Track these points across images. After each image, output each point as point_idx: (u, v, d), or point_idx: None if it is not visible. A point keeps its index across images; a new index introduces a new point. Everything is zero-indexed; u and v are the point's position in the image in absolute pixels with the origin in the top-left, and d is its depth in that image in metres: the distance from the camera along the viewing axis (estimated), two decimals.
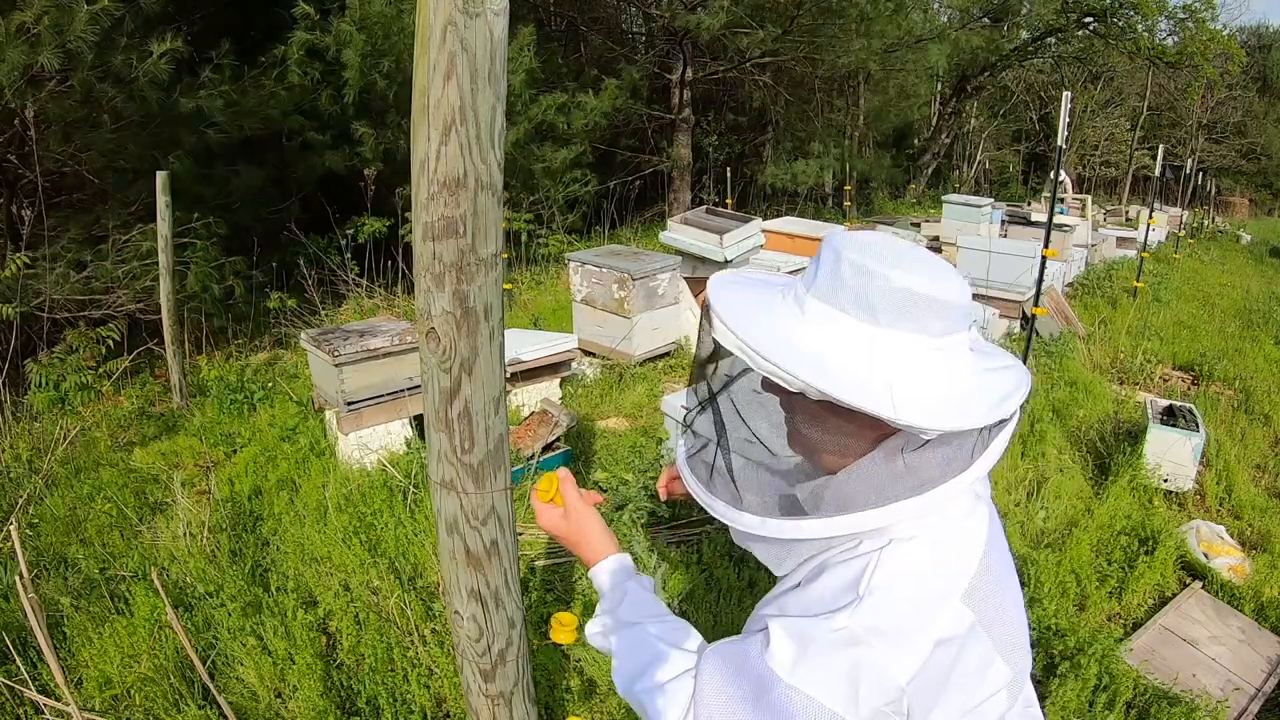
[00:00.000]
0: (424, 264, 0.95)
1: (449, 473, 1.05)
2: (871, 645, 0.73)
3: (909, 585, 0.77)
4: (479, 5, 0.83)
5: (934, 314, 0.76)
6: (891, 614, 0.75)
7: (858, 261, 0.76)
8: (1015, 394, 0.79)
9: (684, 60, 10.94)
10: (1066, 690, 2.18)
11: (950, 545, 0.82)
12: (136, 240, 5.45)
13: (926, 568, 0.79)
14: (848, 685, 0.73)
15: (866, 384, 0.74)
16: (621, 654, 0.92)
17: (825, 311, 0.78)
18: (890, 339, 0.76)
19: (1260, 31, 25.92)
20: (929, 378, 0.76)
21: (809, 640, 0.75)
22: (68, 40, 4.65)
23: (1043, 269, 4.39)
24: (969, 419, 0.75)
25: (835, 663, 0.73)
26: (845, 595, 0.76)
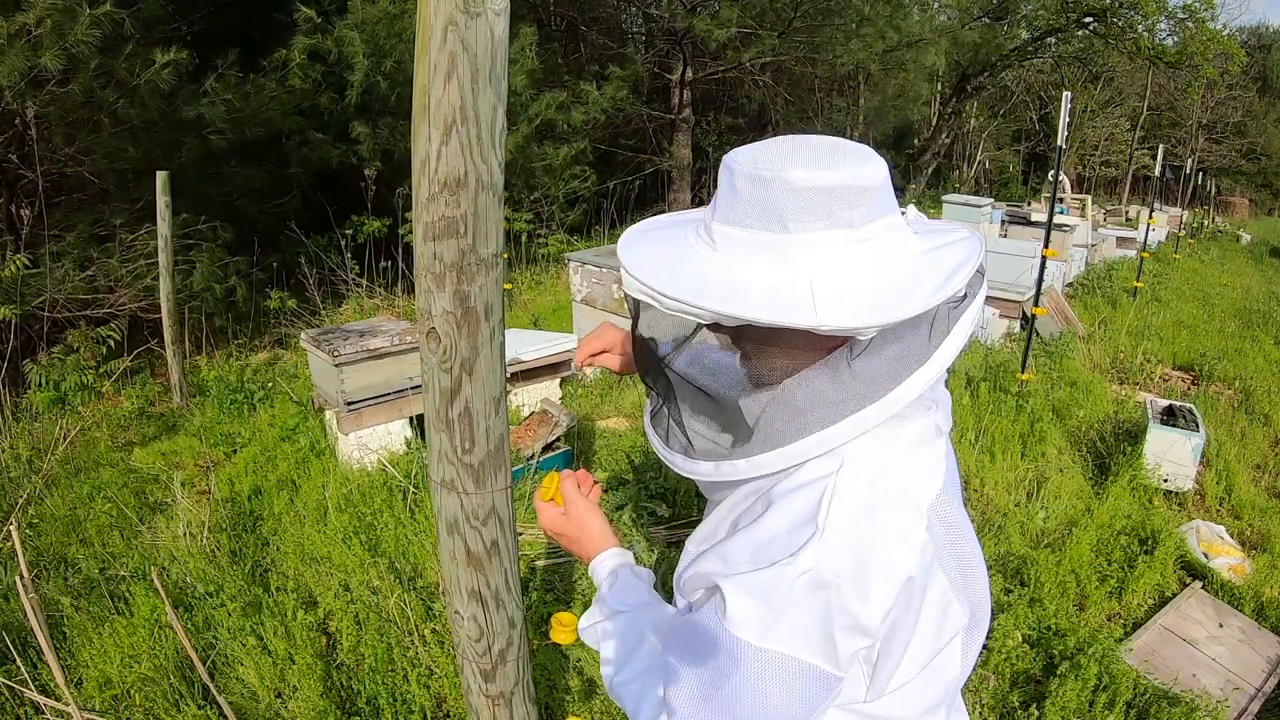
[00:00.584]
0: (424, 264, 0.95)
1: (449, 473, 1.05)
2: (840, 589, 0.67)
3: (872, 516, 0.70)
4: (480, 5, 0.83)
5: (847, 203, 0.68)
6: (857, 550, 0.68)
7: (750, 172, 0.70)
8: (962, 269, 0.72)
9: (684, 60, 10.95)
10: (1066, 690, 2.18)
11: (911, 472, 0.75)
12: (143, 240, 5.45)
13: (888, 496, 0.71)
14: (822, 635, 0.68)
15: (782, 297, 0.67)
16: (607, 646, 0.88)
17: (732, 234, 0.71)
18: (805, 242, 0.68)
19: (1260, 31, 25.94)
20: (856, 273, 0.69)
21: (772, 595, 0.68)
22: (69, 44, 4.65)
23: (1043, 269, 4.39)
24: (907, 307, 0.67)
25: (807, 612, 0.68)
26: (803, 530, 0.69)
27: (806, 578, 0.67)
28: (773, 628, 0.68)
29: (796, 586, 0.67)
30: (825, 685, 0.69)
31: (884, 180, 0.72)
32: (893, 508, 0.72)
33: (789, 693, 0.68)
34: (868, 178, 0.70)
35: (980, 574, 0.83)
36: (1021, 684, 2.30)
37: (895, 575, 0.69)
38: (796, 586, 0.67)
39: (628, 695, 0.82)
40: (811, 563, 0.67)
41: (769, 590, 0.68)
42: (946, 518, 0.77)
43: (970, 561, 0.81)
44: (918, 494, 0.74)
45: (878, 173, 0.71)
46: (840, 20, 10.58)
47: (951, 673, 0.80)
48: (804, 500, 0.71)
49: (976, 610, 0.81)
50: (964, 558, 0.80)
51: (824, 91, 15.79)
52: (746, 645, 0.69)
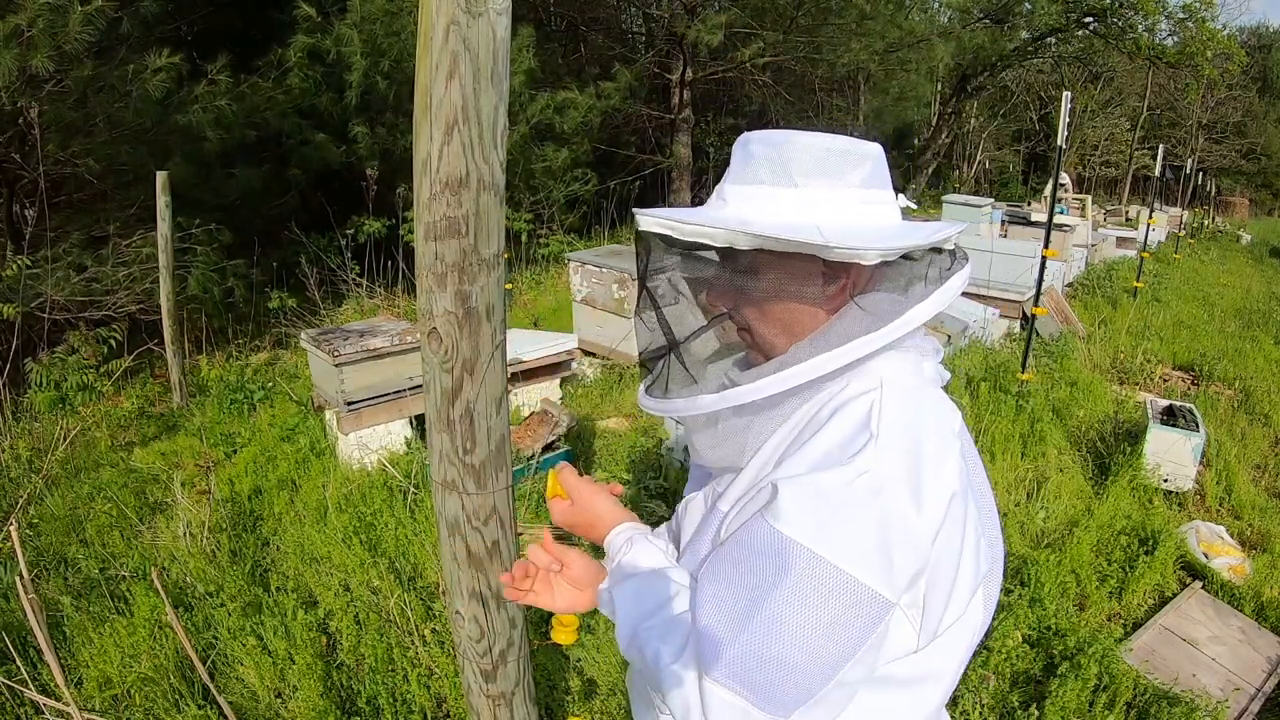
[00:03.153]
0: (426, 264, 0.95)
1: (451, 473, 1.05)
2: (896, 494, 0.67)
3: (918, 426, 0.72)
4: (481, 5, 0.83)
5: (849, 164, 0.78)
6: (909, 455, 0.69)
7: (764, 137, 0.80)
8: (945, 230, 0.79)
9: (684, 60, 10.94)
10: (1066, 690, 2.17)
11: (938, 398, 0.81)
12: (139, 244, 5.45)
13: (928, 410, 0.76)
14: (880, 550, 0.66)
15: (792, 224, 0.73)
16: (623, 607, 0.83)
17: (744, 190, 0.79)
18: (812, 195, 0.77)
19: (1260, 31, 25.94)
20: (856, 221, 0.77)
21: (828, 496, 0.67)
22: (62, 43, 4.64)
23: (1043, 269, 4.39)
24: (902, 242, 0.74)
25: (864, 520, 0.66)
26: (859, 436, 0.70)
27: (865, 479, 0.67)
28: (828, 529, 0.66)
29: (855, 489, 0.67)
30: (878, 610, 0.67)
31: (880, 156, 0.81)
32: (934, 423, 0.75)
33: (840, 614, 0.65)
34: (865, 148, 0.80)
35: (995, 519, 0.84)
36: (1021, 684, 2.30)
37: (944, 487, 0.70)
38: (855, 489, 0.67)
39: (649, 639, 0.76)
40: (869, 464, 0.68)
41: (826, 490, 0.68)
42: (968, 453, 0.81)
43: (987, 505, 0.83)
44: (950, 417, 0.79)
45: (875, 147, 0.81)
46: (841, 20, 10.58)
47: (976, 621, 0.79)
48: (854, 412, 0.74)
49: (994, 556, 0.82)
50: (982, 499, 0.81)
51: (824, 91, 15.79)
52: (800, 546, 0.66)
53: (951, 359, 4.91)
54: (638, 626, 0.79)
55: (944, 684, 0.79)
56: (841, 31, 10.71)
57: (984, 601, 0.79)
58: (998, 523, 0.85)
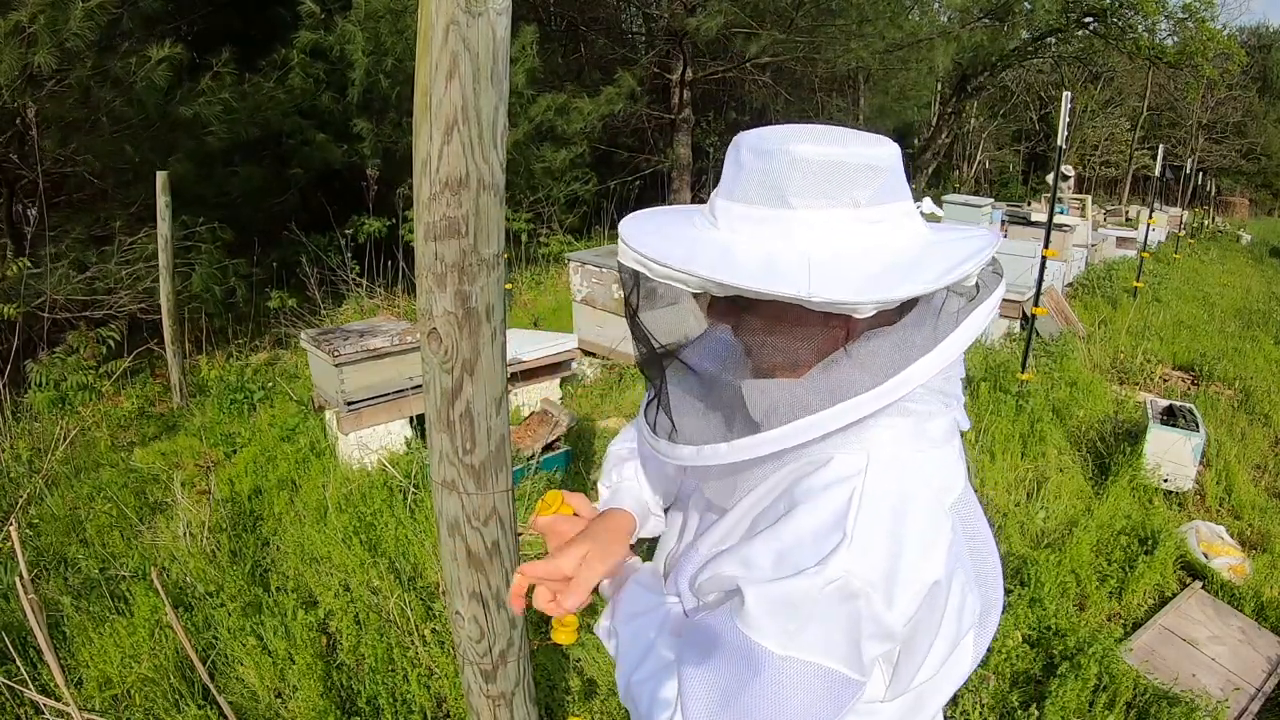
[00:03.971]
0: (426, 264, 0.95)
1: (451, 473, 1.05)
2: (868, 597, 0.64)
3: (903, 519, 0.67)
4: (481, 4, 0.83)
5: (854, 182, 0.67)
6: (886, 556, 0.65)
7: (756, 145, 0.68)
8: (970, 260, 0.68)
9: (684, 60, 10.94)
10: (1066, 690, 2.17)
11: (936, 471, 0.73)
12: (142, 242, 5.45)
13: (917, 496, 0.69)
14: (848, 644, 0.66)
15: (777, 267, 0.64)
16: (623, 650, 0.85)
17: (733, 209, 0.70)
18: (805, 219, 0.66)
19: (1260, 31, 25.93)
20: (858, 252, 0.66)
21: (798, 604, 0.66)
22: (64, 39, 4.64)
23: (1043, 269, 4.39)
24: (902, 289, 0.64)
25: (833, 621, 0.65)
26: (831, 535, 0.66)
27: (834, 587, 0.65)
28: (796, 637, 0.66)
29: (824, 596, 0.65)
30: (848, 690, 0.68)
31: (894, 165, 0.70)
32: (921, 510, 0.69)
33: (810, 699, 0.67)
34: (876, 159, 0.68)
35: (995, 567, 0.82)
36: (1021, 684, 2.30)
37: (923, 580, 0.67)
38: (824, 596, 0.65)
39: (641, 696, 0.78)
40: (840, 571, 0.65)
41: (794, 600, 0.66)
42: (965, 515, 0.76)
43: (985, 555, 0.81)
44: (944, 494, 0.73)
45: (888, 156, 0.69)
46: (841, 20, 10.57)
47: (963, 667, 0.79)
48: (831, 503, 0.68)
49: (989, 603, 0.81)
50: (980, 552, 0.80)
51: (824, 91, 15.79)
52: (768, 653, 0.67)
53: None
54: (630, 679, 0.81)
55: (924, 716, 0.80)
56: (841, 31, 10.71)
57: (974, 644, 0.79)
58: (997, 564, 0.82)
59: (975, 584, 0.77)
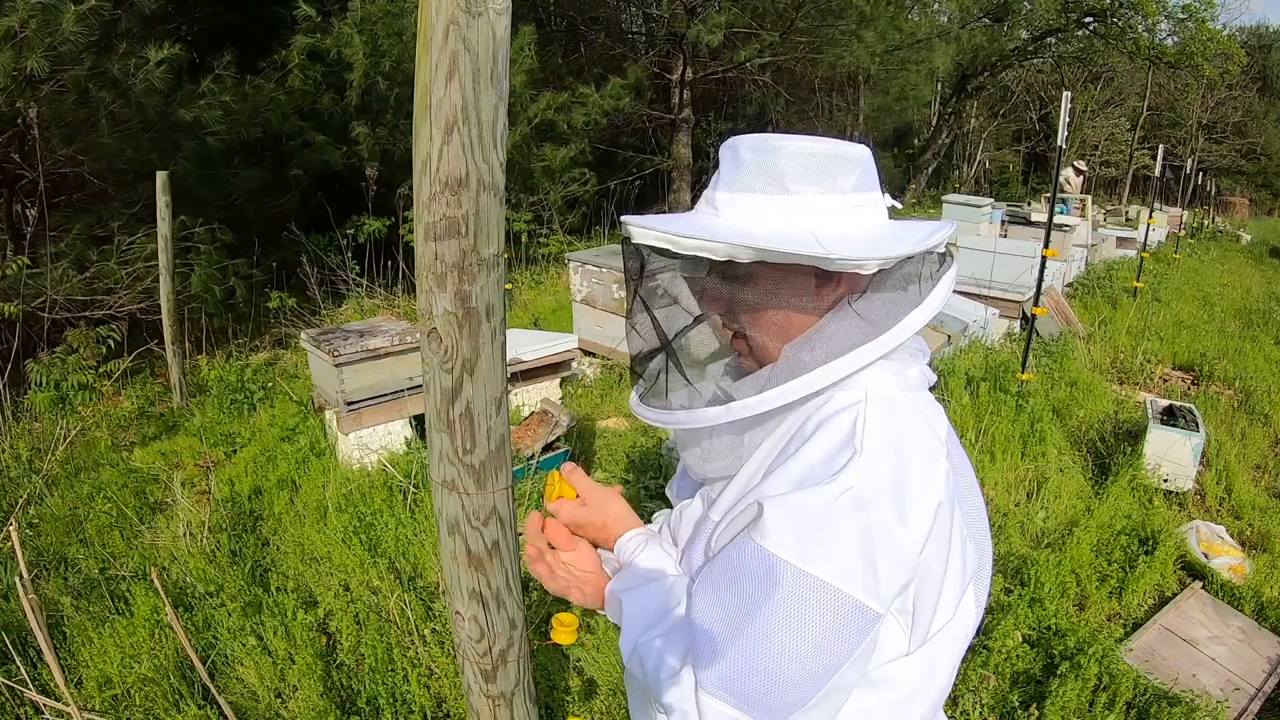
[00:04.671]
0: (426, 264, 0.94)
1: (450, 473, 1.05)
2: (880, 509, 0.67)
3: (903, 439, 0.73)
4: (481, 5, 0.83)
5: (841, 169, 0.78)
6: (894, 469, 0.70)
7: (754, 144, 0.79)
8: (940, 231, 0.80)
9: (684, 60, 10.94)
10: (1067, 690, 2.18)
11: (923, 404, 0.81)
12: (140, 243, 5.45)
13: (913, 421, 0.76)
14: (865, 563, 0.67)
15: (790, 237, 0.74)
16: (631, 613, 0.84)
17: (737, 199, 0.79)
18: (804, 202, 0.77)
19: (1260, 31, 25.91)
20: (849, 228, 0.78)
21: (813, 513, 0.68)
22: (57, 43, 4.63)
23: (1043, 269, 4.39)
24: (899, 248, 0.75)
25: (847, 535, 0.67)
26: (842, 452, 0.71)
27: (848, 496, 0.68)
28: (813, 546, 0.67)
29: (838, 505, 0.67)
30: (865, 622, 0.67)
31: (869, 159, 0.81)
32: (920, 433, 0.75)
33: (828, 627, 0.66)
34: (856, 153, 0.80)
35: (984, 519, 0.86)
36: (1021, 684, 2.30)
37: (930, 498, 0.71)
38: (838, 505, 0.67)
39: (649, 653, 0.78)
40: (852, 481, 0.68)
41: (810, 509, 0.68)
42: (955, 457, 0.81)
43: (975, 506, 0.84)
44: (935, 423, 0.80)
45: (863, 151, 0.81)
46: (841, 20, 10.58)
47: (969, 619, 0.81)
48: (838, 427, 0.74)
49: (982, 555, 0.83)
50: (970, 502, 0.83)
51: (824, 91, 15.80)
52: (785, 564, 0.67)
53: (951, 359, 4.91)
54: (639, 639, 0.81)
55: (939, 683, 0.80)
56: (842, 32, 10.71)
57: (975, 600, 0.82)
58: (986, 520, 0.86)
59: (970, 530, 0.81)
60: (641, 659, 0.79)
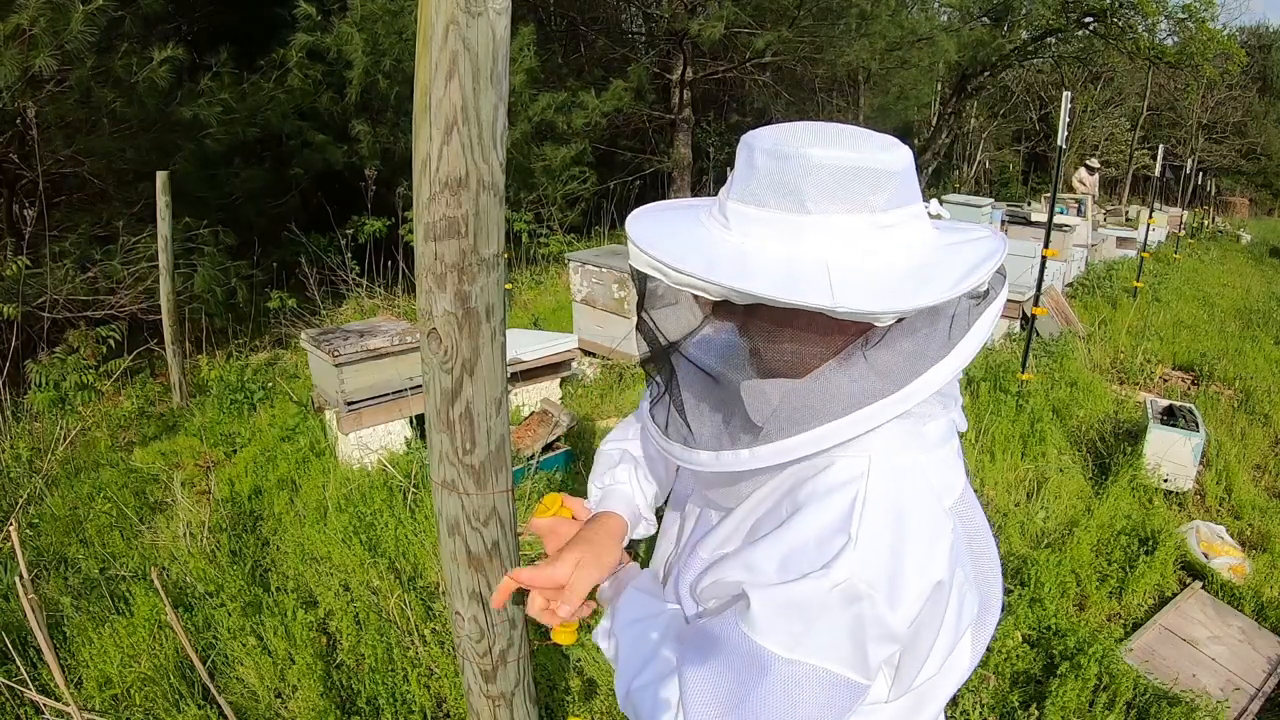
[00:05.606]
0: (426, 264, 0.94)
1: (450, 474, 1.05)
2: (873, 600, 0.65)
3: (905, 521, 0.68)
4: (481, 4, 0.83)
5: (870, 186, 0.66)
6: (890, 559, 0.66)
7: (771, 148, 0.68)
8: (985, 264, 0.70)
9: (684, 60, 10.94)
10: (1067, 690, 2.18)
11: (937, 473, 0.74)
12: (144, 243, 5.45)
13: (918, 498, 0.70)
14: (854, 647, 0.66)
15: (797, 275, 0.64)
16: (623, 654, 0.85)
17: (748, 212, 0.69)
18: (822, 224, 0.66)
19: (1260, 31, 25.88)
20: (875, 258, 0.67)
21: (803, 608, 0.66)
22: (65, 42, 4.63)
23: (1043, 269, 4.39)
24: (928, 294, 0.65)
25: (837, 625, 0.66)
26: (835, 539, 0.66)
27: (840, 590, 0.65)
28: (803, 640, 0.66)
29: (830, 600, 0.65)
30: (853, 694, 0.68)
31: (908, 167, 0.70)
32: (923, 512, 0.70)
33: (817, 703, 0.67)
34: (892, 162, 0.68)
35: (994, 565, 0.83)
36: (1021, 684, 2.30)
37: (927, 581, 0.68)
38: (830, 600, 0.65)
39: (643, 702, 0.78)
40: (845, 574, 0.65)
41: (800, 603, 0.66)
42: (965, 514, 0.77)
43: (983, 553, 0.82)
44: (944, 495, 0.74)
45: (902, 159, 0.69)
46: (841, 19, 10.57)
47: (962, 665, 0.79)
48: (835, 506, 0.68)
49: (988, 599, 0.81)
50: (979, 551, 0.81)
51: (824, 91, 15.79)
52: (774, 656, 0.67)
53: None
54: (632, 684, 0.80)
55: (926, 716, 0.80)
56: (842, 31, 10.70)
57: (972, 643, 0.80)
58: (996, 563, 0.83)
59: (974, 583, 0.78)
60: (635, 706, 0.79)
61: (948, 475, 0.76)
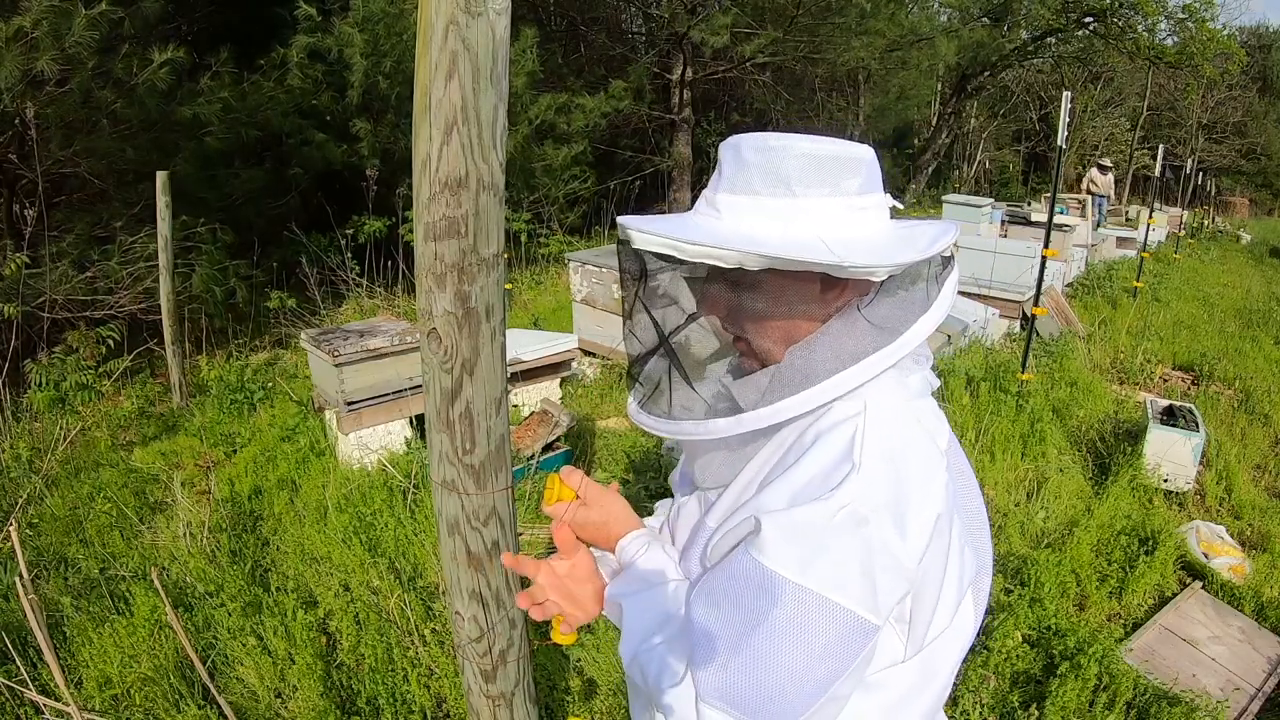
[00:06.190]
0: (426, 264, 0.94)
1: (450, 473, 1.05)
2: (880, 524, 0.68)
3: (902, 452, 0.72)
4: (481, 5, 0.83)
5: (846, 171, 0.76)
6: (893, 483, 0.70)
7: (757, 144, 0.76)
8: (945, 235, 0.78)
9: (684, 60, 10.94)
10: (1067, 690, 2.17)
11: (925, 415, 0.80)
12: (143, 242, 5.45)
13: (913, 433, 0.75)
14: (863, 578, 0.67)
15: (800, 241, 0.72)
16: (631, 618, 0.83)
17: (739, 201, 0.76)
18: (809, 205, 0.75)
19: (1260, 31, 25.88)
20: (856, 232, 0.76)
21: (811, 530, 0.68)
22: (66, 45, 4.64)
23: (1043, 269, 4.39)
24: (913, 252, 0.74)
25: (847, 551, 0.67)
26: (840, 467, 0.70)
27: (846, 512, 0.68)
28: (813, 563, 0.67)
29: (837, 521, 0.68)
30: (864, 634, 0.68)
31: (873, 160, 0.80)
32: (919, 445, 0.75)
33: (828, 639, 0.67)
34: (861, 153, 0.78)
35: (984, 524, 0.86)
36: (1021, 684, 2.30)
37: (929, 511, 0.71)
38: (837, 521, 0.68)
39: (650, 661, 0.78)
40: (850, 497, 0.68)
41: (809, 526, 0.68)
42: (955, 464, 0.81)
43: (975, 510, 0.84)
44: (936, 432, 0.79)
45: (867, 152, 0.79)
46: (841, 19, 10.58)
47: (967, 627, 0.81)
48: (836, 440, 0.73)
49: (981, 560, 0.83)
50: (970, 507, 0.83)
51: (824, 91, 15.79)
52: (785, 581, 0.67)
53: (952, 359, 4.91)
54: (639, 647, 0.80)
55: (935, 686, 0.80)
56: (842, 31, 10.71)
57: (974, 604, 0.82)
58: (986, 525, 0.86)
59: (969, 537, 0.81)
60: (642, 666, 0.79)
61: (935, 420, 0.82)
